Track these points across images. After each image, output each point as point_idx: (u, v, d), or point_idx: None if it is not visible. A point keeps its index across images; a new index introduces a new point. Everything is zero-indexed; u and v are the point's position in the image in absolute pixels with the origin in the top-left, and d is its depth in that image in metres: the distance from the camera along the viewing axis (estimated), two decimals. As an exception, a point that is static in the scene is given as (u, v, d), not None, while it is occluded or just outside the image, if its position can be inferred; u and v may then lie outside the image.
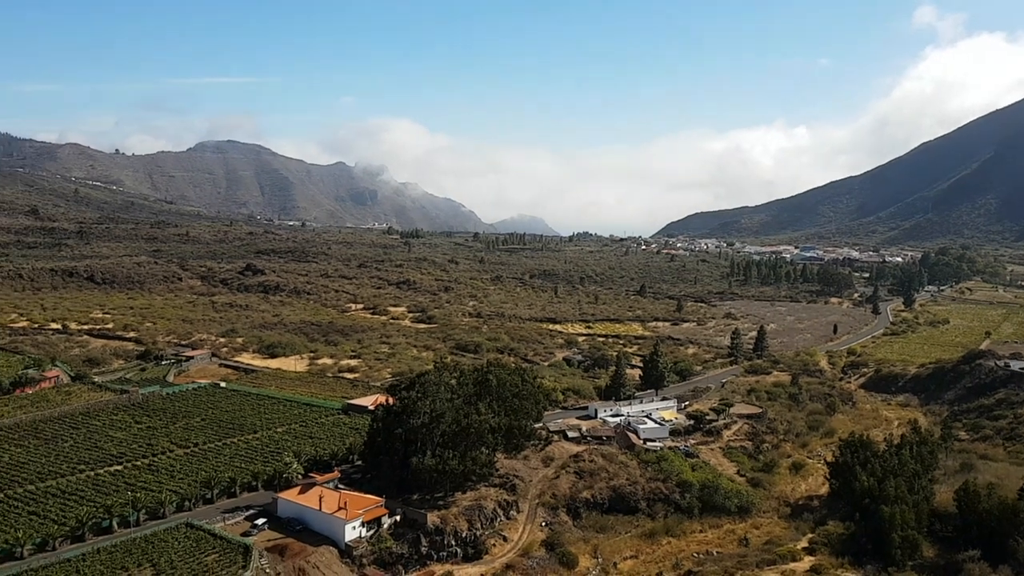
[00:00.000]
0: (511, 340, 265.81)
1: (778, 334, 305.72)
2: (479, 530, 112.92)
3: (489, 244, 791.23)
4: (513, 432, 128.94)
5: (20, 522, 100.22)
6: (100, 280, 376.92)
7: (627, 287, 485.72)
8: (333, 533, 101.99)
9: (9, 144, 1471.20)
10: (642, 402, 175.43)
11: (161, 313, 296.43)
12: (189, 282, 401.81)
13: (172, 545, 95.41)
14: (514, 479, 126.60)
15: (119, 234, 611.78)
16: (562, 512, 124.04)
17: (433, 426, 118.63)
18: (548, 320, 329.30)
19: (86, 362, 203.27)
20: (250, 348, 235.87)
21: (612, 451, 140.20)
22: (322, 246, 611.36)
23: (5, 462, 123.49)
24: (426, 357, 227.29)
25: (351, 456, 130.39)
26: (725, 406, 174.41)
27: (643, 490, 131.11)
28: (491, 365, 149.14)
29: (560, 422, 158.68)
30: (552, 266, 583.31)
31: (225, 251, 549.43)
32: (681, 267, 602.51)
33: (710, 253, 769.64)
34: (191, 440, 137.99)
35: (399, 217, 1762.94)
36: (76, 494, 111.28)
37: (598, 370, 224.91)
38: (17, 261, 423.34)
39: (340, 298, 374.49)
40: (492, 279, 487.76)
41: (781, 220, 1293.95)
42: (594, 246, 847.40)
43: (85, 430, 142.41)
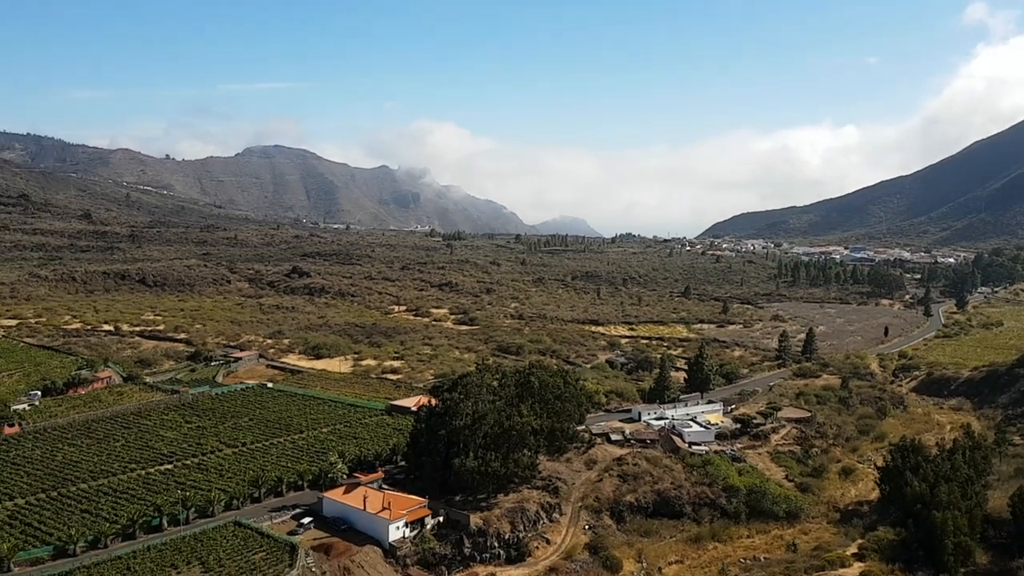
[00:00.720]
0: (553, 342, 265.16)
1: (827, 336, 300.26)
2: (522, 532, 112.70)
3: (531, 246, 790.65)
4: (555, 434, 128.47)
5: (73, 520, 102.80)
6: (151, 283, 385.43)
7: (671, 289, 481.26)
8: (377, 533, 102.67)
9: (63, 150, 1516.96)
10: (687, 405, 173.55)
11: (210, 315, 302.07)
12: (237, 284, 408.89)
13: (220, 543, 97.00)
14: (557, 481, 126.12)
15: (170, 238, 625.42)
16: (605, 515, 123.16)
17: (475, 427, 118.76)
18: (590, 322, 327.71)
19: (138, 363, 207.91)
20: (296, 349, 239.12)
21: (656, 454, 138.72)
22: (366, 249, 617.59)
23: (59, 461, 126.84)
24: (468, 359, 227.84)
25: (394, 457, 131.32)
26: (773, 410, 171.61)
27: (688, 494, 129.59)
28: (533, 367, 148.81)
29: (603, 425, 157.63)
30: (594, 267, 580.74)
31: (272, 254, 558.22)
32: (727, 268, 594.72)
33: (757, 254, 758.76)
34: (239, 440, 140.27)
35: (441, 219, 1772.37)
36: (127, 493, 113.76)
37: (641, 373, 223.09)
38: (71, 264, 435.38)
39: (383, 300, 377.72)
40: (534, 281, 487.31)
41: (830, 220, 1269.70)
42: (637, 247, 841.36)
43: (136, 430, 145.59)
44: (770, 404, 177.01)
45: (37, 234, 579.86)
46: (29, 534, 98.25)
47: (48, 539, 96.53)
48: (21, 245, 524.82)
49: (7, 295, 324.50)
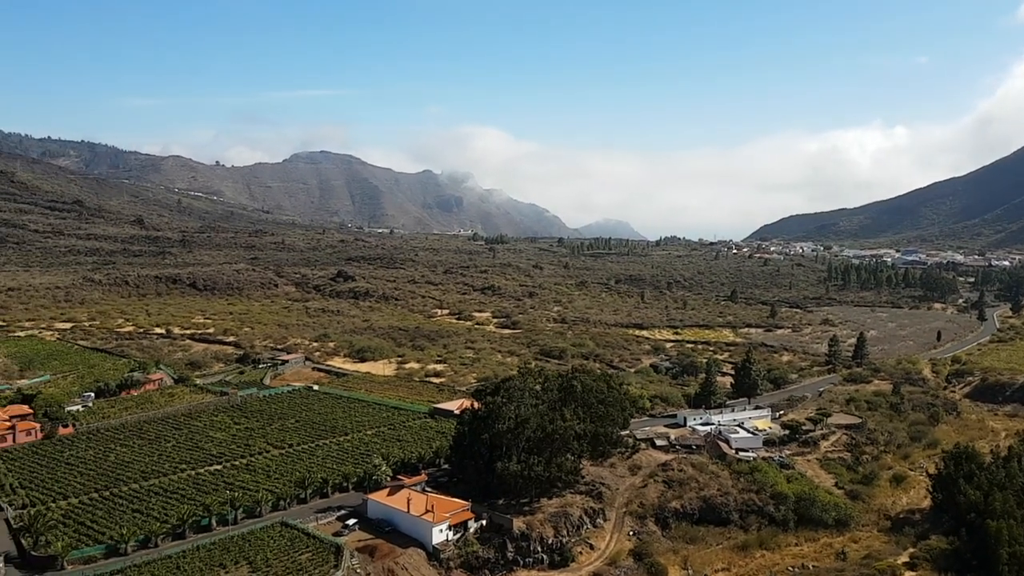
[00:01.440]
0: (596, 346, 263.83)
1: (878, 341, 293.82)
2: (565, 537, 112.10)
3: (574, 249, 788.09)
4: (599, 439, 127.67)
5: (125, 519, 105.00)
6: (202, 287, 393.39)
7: (717, 292, 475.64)
8: (421, 535, 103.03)
9: (116, 157, 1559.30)
10: (734, 411, 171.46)
11: (258, 318, 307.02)
12: (284, 288, 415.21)
13: (268, 544, 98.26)
14: (600, 487, 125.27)
15: (219, 242, 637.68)
16: (650, 521, 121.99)
17: (518, 431, 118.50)
18: (634, 326, 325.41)
19: (188, 365, 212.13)
20: (341, 352, 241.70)
21: (702, 460, 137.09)
22: (409, 253, 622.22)
23: (111, 461, 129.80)
24: (510, 362, 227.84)
25: (438, 460, 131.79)
26: (822, 416, 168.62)
27: (735, 501, 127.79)
28: (576, 371, 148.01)
29: (647, 430, 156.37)
30: (638, 271, 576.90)
31: (318, 258, 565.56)
32: (775, 271, 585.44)
33: (806, 257, 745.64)
34: (286, 441, 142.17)
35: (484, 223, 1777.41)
36: (177, 492, 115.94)
37: (687, 377, 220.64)
38: (124, 269, 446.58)
39: (427, 303, 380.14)
40: (577, 284, 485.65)
41: (880, 223, 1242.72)
42: (682, 250, 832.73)
43: (187, 430, 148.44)
44: (819, 410, 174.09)
45: (91, 239, 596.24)
46: (82, 533, 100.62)
47: (100, 538, 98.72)
48: (76, 250, 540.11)
49: (62, 299, 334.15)
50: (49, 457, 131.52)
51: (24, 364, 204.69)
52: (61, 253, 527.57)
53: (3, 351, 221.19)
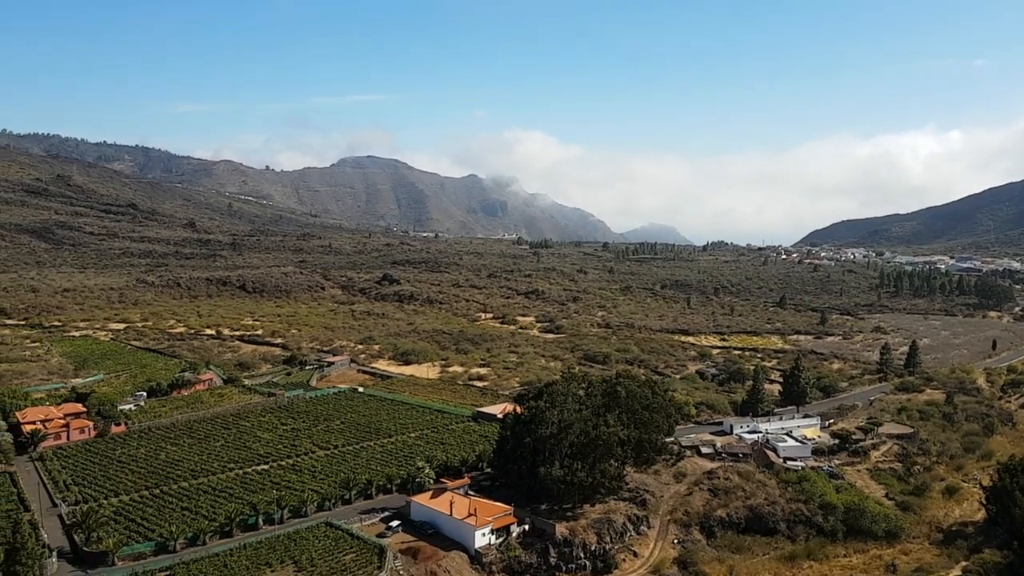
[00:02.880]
0: (641, 351, 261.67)
1: (931, 349, 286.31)
2: (608, 544, 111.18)
3: (619, 254, 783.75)
4: (643, 445, 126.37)
5: (174, 517, 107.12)
6: (251, 289, 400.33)
7: (766, 298, 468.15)
8: (463, 539, 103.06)
9: (169, 161, 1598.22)
10: (782, 419, 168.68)
11: (305, 320, 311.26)
12: (331, 291, 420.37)
13: (312, 543, 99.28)
14: (644, 494, 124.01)
15: (268, 246, 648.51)
16: (695, 530, 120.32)
17: (561, 436, 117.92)
18: (680, 332, 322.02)
19: (237, 366, 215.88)
20: (386, 355, 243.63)
21: (749, 469, 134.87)
22: (454, 256, 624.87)
23: (162, 460, 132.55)
24: (554, 367, 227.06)
25: (480, 463, 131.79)
26: (873, 425, 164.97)
27: (783, 511, 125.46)
28: (620, 376, 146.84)
29: (693, 437, 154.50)
30: (685, 276, 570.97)
31: (364, 262, 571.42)
32: (825, 278, 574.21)
33: (857, 263, 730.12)
34: (331, 442, 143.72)
35: (528, 227, 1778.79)
36: (225, 491, 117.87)
37: (734, 384, 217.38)
38: (176, 271, 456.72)
39: (470, 307, 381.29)
40: (622, 289, 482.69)
41: (934, 229, 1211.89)
42: (730, 255, 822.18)
43: (235, 430, 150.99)
44: (870, 419, 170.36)
45: (144, 241, 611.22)
46: (133, 530, 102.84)
47: (150, 535, 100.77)
48: (129, 252, 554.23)
49: (116, 300, 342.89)
50: (102, 455, 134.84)
51: (79, 363, 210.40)
52: (115, 255, 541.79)
53: (58, 350, 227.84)
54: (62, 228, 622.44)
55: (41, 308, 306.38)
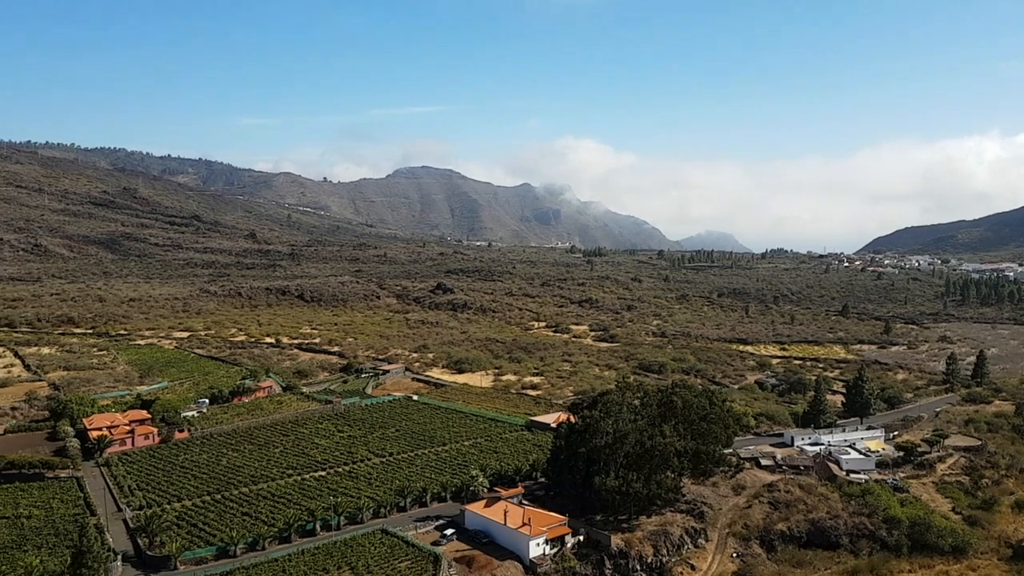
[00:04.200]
0: (698, 361, 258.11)
1: (1000, 359, 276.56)
2: (665, 556, 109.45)
3: (674, 262, 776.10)
4: (700, 457, 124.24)
5: (235, 522, 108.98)
6: (309, 298, 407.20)
7: (827, 307, 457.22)
8: (518, 548, 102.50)
9: (231, 174, 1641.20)
10: (844, 430, 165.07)
11: (361, 329, 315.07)
12: (386, 300, 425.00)
13: (369, 550, 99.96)
14: (702, 506, 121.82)
15: (325, 255, 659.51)
16: (755, 544, 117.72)
17: (616, 447, 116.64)
18: (738, 341, 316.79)
19: (295, 374, 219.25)
20: (440, 363, 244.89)
21: (810, 482, 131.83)
22: (507, 265, 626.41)
23: (223, 465, 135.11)
24: (608, 376, 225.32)
25: (534, 473, 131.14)
26: (939, 437, 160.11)
27: (845, 524, 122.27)
28: (676, 386, 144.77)
29: (752, 449, 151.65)
30: (743, 284, 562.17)
31: (418, 271, 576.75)
32: (889, 286, 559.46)
33: (922, 271, 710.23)
34: (386, 450, 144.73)
35: (581, 236, 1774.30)
36: (284, 497, 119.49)
37: (794, 395, 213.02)
38: (237, 280, 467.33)
39: (523, 316, 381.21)
40: (677, 297, 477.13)
41: (1002, 235, 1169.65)
42: (790, 263, 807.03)
43: (293, 437, 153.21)
44: (936, 431, 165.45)
45: (207, 252, 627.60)
46: (194, 534, 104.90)
47: (211, 540, 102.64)
48: (193, 263, 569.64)
49: (180, 309, 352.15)
50: (165, 460, 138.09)
51: (144, 371, 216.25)
52: (179, 265, 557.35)
53: (124, 358, 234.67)
54: (128, 239, 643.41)
55: (108, 317, 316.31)
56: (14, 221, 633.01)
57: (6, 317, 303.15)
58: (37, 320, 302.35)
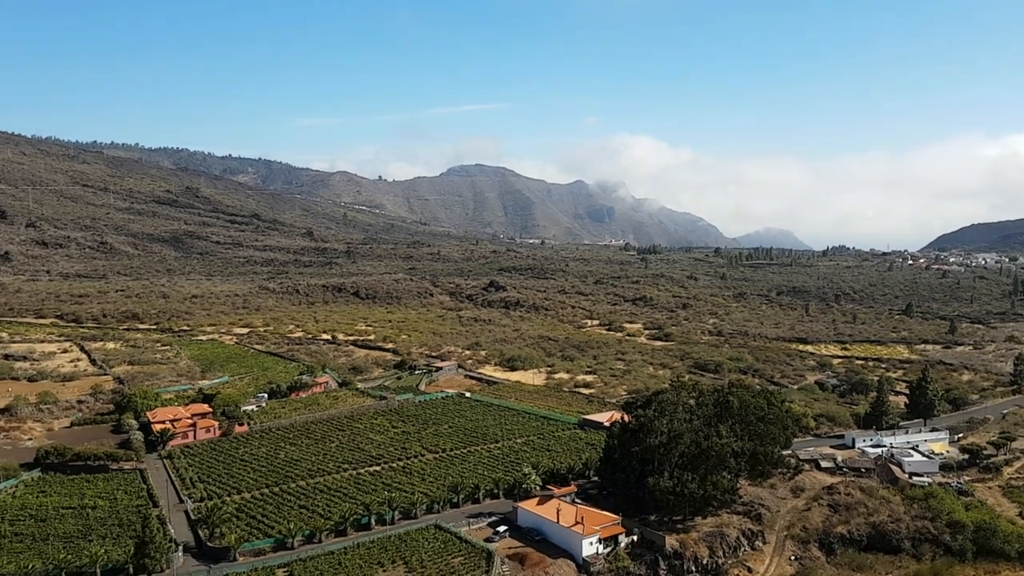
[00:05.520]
0: (755, 360, 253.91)
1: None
2: (721, 558, 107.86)
3: (731, 259, 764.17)
4: (758, 458, 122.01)
5: (292, 515, 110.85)
6: (364, 295, 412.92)
7: (890, 306, 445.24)
8: (570, 547, 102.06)
9: (289, 173, 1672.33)
10: (907, 432, 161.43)
11: (415, 326, 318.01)
12: (439, 297, 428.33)
13: (422, 545, 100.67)
14: (759, 508, 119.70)
15: (380, 253, 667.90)
16: (813, 547, 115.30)
17: (671, 446, 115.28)
18: (798, 340, 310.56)
19: (351, 370, 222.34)
20: (492, 361, 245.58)
21: (872, 484, 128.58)
22: (560, 263, 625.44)
23: (281, 459, 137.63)
24: (662, 375, 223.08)
25: (587, 471, 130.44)
26: (1006, 440, 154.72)
27: (907, 528, 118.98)
28: (733, 386, 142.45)
29: (811, 450, 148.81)
30: (803, 282, 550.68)
31: (471, 269, 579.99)
32: (954, 284, 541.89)
33: (989, 268, 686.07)
34: (440, 446, 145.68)
35: (636, 233, 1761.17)
36: (340, 491, 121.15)
37: (855, 396, 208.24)
38: (295, 278, 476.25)
39: (576, 314, 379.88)
40: (735, 296, 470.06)
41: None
42: (851, 261, 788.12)
43: (349, 432, 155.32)
44: (1003, 433, 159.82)
45: (266, 250, 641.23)
46: (253, 526, 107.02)
47: (270, 532, 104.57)
48: (252, 260, 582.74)
49: (240, 305, 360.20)
50: (225, 453, 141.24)
51: (205, 366, 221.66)
52: (240, 263, 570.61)
53: (187, 353, 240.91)
54: (191, 237, 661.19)
55: (171, 313, 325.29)
56: (81, 219, 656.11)
57: (73, 313, 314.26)
58: (103, 316, 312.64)
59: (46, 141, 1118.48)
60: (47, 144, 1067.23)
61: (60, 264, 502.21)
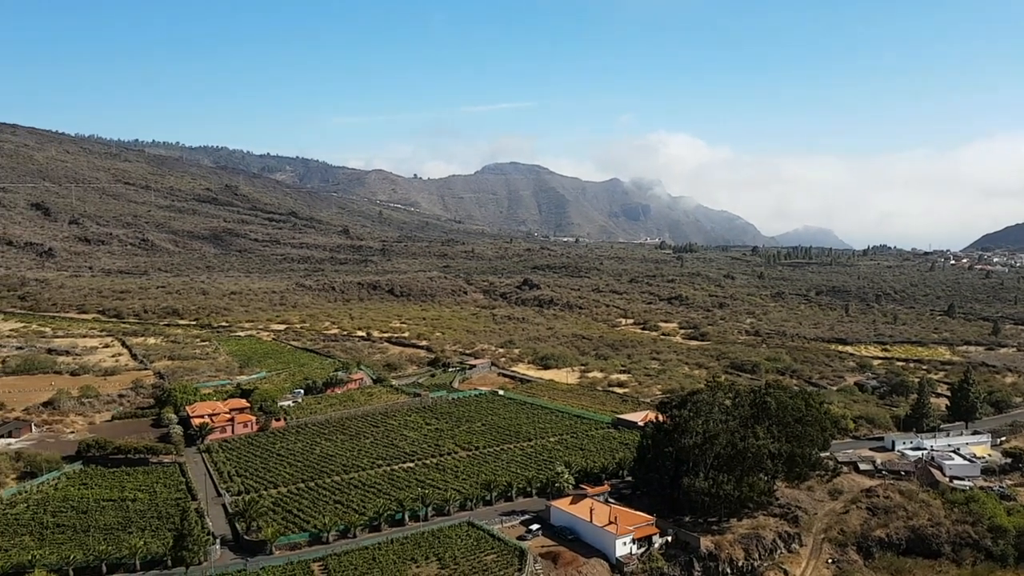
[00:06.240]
0: (793, 361, 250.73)
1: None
2: (756, 560, 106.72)
3: (769, 258, 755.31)
4: (795, 460, 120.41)
5: (327, 509, 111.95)
6: (398, 293, 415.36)
7: (932, 306, 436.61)
8: (604, 547, 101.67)
9: (326, 171, 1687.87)
10: (948, 435, 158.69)
11: (448, 324, 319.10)
12: (473, 295, 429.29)
13: (455, 542, 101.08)
14: (796, 510, 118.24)
15: (415, 251, 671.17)
16: (851, 550, 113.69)
17: (706, 447, 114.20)
18: (837, 341, 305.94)
19: (385, 367, 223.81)
20: (525, 359, 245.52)
21: (911, 487, 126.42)
22: (594, 261, 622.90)
23: (316, 454, 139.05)
24: (698, 375, 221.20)
25: (620, 471, 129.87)
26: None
27: (948, 532, 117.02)
28: (770, 387, 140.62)
29: (850, 452, 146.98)
30: (843, 282, 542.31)
31: (505, 267, 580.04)
32: (998, 285, 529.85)
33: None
34: (473, 443, 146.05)
35: (672, 231, 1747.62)
36: (374, 487, 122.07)
37: (896, 397, 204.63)
38: (331, 275, 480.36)
39: (610, 313, 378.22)
40: (772, 295, 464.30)
41: None
42: (893, 260, 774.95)
43: (383, 428, 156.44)
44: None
45: (303, 247, 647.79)
46: (289, 520, 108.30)
47: (305, 526, 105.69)
48: (289, 257, 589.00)
49: (277, 302, 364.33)
50: (262, 448, 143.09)
51: (243, 361, 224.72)
52: (277, 260, 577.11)
53: (225, 349, 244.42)
54: (230, 235, 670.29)
55: (210, 309, 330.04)
56: (123, 216, 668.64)
57: (115, 308, 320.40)
58: (144, 311, 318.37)
59: (89, 139, 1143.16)
60: (90, 142, 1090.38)
61: (102, 260, 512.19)
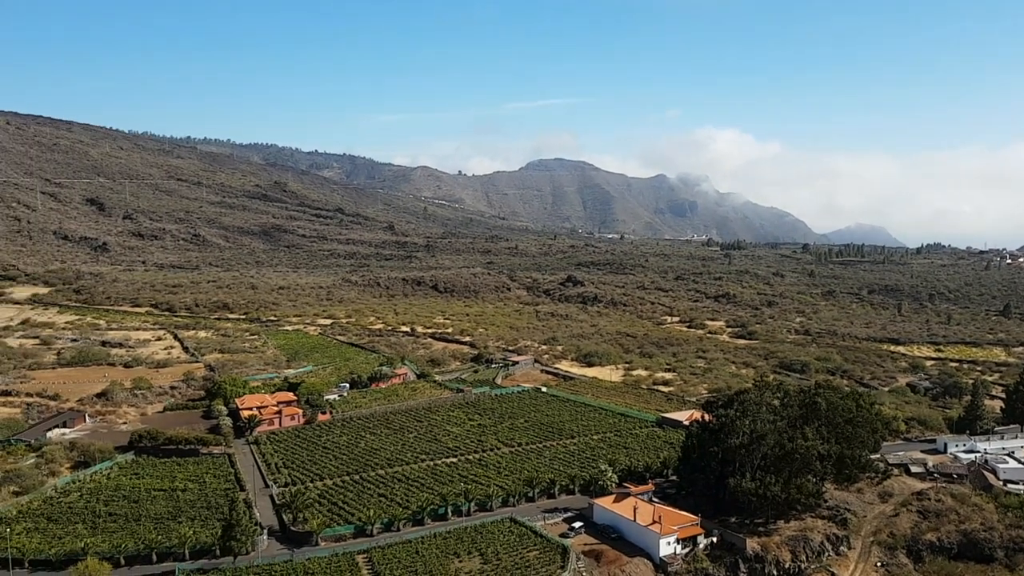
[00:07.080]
0: (844, 361, 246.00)
1: None
2: (803, 563, 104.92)
3: (820, 256, 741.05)
4: (845, 461, 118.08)
5: (371, 503, 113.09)
6: (442, 289, 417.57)
7: (987, 306, 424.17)
8: (647, 546, 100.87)
9: (372, 168, 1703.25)
10: (1003, 438, 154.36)
11: (492, 320, 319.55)
12: (516, 292, 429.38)
13: (498, 538, 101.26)
14: (845, 512, 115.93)
15: (459, 248, 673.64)
16: (901, 553, 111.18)
17: (753, 447, 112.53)
18: (889, 341, 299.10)
19: (429, 362, 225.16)
20: (569, 356, 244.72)
21: (964, 491, 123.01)
22: (639, 258, 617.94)
23: (361, 448, 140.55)
24: (745, 374, 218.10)
25: (664, 470, 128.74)
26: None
27: (1001, 537, 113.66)
28: (820, 387, 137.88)
29: (901, 455, 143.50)
30: (895, 281, 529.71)
31: (548, 263, 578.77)
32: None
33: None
34: (515, 440, 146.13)
35: (719, 228, 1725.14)
36: (418, 481, 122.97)
37: (949, 399, 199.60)
38: (376, 271, 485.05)
39: (656, 310, 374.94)
40: (823, 294, 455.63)
41: None
42: (947, 259, 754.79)
43: (427, 423, 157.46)
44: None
45: (349, 243, 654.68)
46: (334, 512, 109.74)
47: (350, 519, 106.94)
48: (336, 253, 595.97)
49: (324, 297, 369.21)
50: (309, 440, 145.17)
51: (291, 355, 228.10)
52: (324, 256, 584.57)
53: (273, 343, 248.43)
54: (279, 231, 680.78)
55: (259, 304, 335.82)
56: (175, 212, 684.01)
57: (167, 302, 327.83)
58: (195, 305, 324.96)
59: (142, 136, 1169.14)
60: (143, 139, 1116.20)
61: (155, 255, 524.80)
